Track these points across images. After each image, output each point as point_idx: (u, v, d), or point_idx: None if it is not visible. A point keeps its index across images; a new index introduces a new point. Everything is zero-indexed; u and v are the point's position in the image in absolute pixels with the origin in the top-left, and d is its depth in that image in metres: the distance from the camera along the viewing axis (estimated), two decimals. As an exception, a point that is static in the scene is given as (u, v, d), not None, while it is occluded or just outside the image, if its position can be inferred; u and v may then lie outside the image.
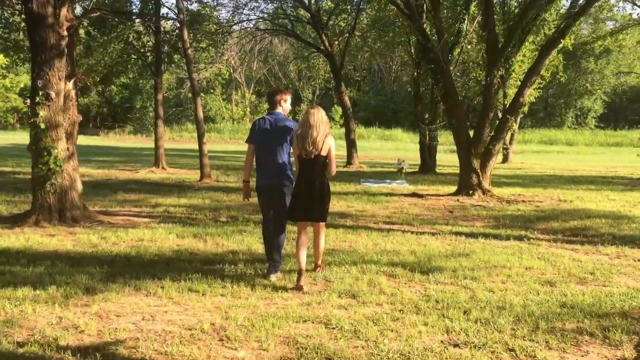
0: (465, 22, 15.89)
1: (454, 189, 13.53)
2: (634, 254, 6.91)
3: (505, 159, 25.71)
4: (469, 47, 18.36)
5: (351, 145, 21.25)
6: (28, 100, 8.10)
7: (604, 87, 49.41)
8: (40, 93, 7.92)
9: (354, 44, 24.28)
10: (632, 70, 48.36)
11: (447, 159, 27.88)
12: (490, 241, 7.59)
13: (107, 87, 56.88)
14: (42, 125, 7.95)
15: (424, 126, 17.95)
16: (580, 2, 11.61)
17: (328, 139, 5.35)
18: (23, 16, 9.19)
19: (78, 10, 13.23)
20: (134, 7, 18.24)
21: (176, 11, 15.89)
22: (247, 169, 5.92)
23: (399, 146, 40.74)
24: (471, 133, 12.61)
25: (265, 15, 24.22)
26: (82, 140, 41.32)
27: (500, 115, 14.40)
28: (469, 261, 6.34)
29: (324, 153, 5.34)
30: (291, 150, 5.65)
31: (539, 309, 4.63)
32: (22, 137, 34.65)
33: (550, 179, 17.65)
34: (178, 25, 16.64)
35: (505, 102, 18.26)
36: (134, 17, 17.74)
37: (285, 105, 5.85)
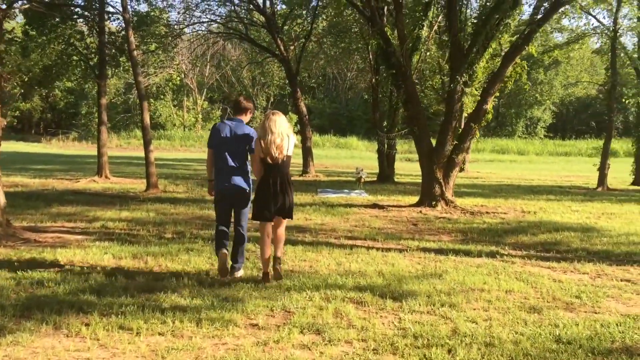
0: (424, 27, 15.46)
1: (415, 199, 13.01)
2: (615, 273, 6.44)
3: (462, 168, 25.55)
4: (428, 54, 18.00)
5: (307, 154, 20.56)
6: (-60, 101, 7.05)
7: (552, 98, 50.59)
8: (-46, 93, 6.89)
9: (309, 50, 23.67)
10: (580, 81, 49.67)
11: (403, 167, 27.58)
12: (462, 258, 7.00)
13: (50, 91, 54.54)
14: (-44, 130, 6.92)
15: (383, 134, 17.43)
16: (544, 6, 11.30)
17: (291, 139, 5.57)
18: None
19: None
20: (76, 0, 16.93)
21: (121, 9, 14.84)
22: (210, 168, 6.04)
23: (354, 154, 40.35)
24: (433, 142, 12.12)
25: (218, 19, 23.32)
26: (22, 147, 39.25)
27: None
28: (443, 283, 5.70)
29: (289, 153, 5.60)
30: (249, 156, 5.84)
31: (532, 346, 4.00)
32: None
33: (508, 188, 17.41)
34: (123, 25, 15.58)
35: (464, 111, 18.02)
36: (74, 16, 16.54)
37: (248, 116, 6.04)
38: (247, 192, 5.85)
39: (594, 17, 18.14)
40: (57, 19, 16.16)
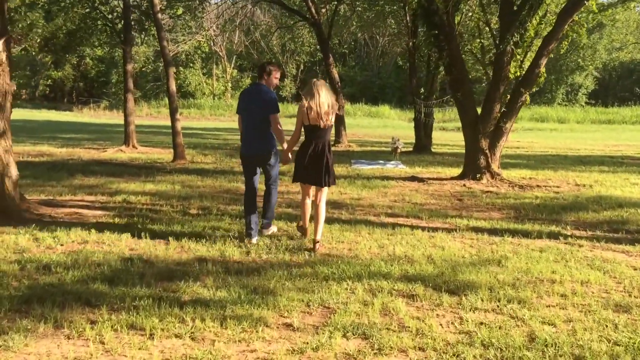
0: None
1: (456, 171, 12.15)
2: (703, 259, 5.55)
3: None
4: (470, 15, 16.83)
5: (339, 123, 19.68)
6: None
7: (595, 63, 48.23)
8: (-41, 55, 6.27)
9: (342, 14, 22.58)
10: (625, 45, 47.25)
11: (439, 137, 26.47)
12: (520, 240, 6.20)
13: (81, 60, 54.49)
14: (-38, 96, 6.32)
15: (420, 101, 16.43)
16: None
17: (335, 108, 5.66)
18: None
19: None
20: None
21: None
22: (242, 135, 6.12)
23: (387, 123, 39.25)
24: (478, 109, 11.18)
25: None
26: (54, 116, 39.31)
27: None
28: (505, 272, 4.92)
29: (332, 123, 5.70)
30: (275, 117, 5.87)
31: (635, 361, 3.22)
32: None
33: (555, 159, 16.32)
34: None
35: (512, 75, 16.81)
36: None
37: (269, 78, 6.02)
38: (270, 153, 5.95)
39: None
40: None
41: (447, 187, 10.33)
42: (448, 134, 29.93)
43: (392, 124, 38.54)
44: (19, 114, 38.47)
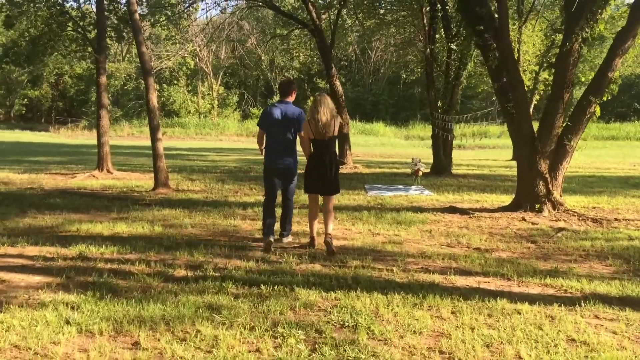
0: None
1: (494, 198, 10.20)
2: None
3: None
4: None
5: (344, 141, 17.53)
6: None
7: (595, 78, 46.73)
8: None
9: (342, 22, 20.51)
10: (624, 58, 45.87)
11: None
12: (690, 323, 3.97)
13: (60, 78, 52.00)
14: None
15: (440, 116, 14.27)
16: None
17: (337, 120, 6.05)
18: None
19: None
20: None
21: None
22: (260, 145, 6.49)
23: (383, 141, 37.21)
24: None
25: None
26: (27, 136, 36.72)
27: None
28: None
29: (335, 134, 6.04)
30: (301, 134, 6.21)
31: None
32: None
33: (596, 181, 14.20)
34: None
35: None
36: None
37: (294, 97, 6.47)
38: (294, 169, 6.34)
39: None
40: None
41: (502, 221, 8.13)
42: (459, 152, 27.88)
43: (390, 142, 36.54)
44: (-12, 134, 35.86)
